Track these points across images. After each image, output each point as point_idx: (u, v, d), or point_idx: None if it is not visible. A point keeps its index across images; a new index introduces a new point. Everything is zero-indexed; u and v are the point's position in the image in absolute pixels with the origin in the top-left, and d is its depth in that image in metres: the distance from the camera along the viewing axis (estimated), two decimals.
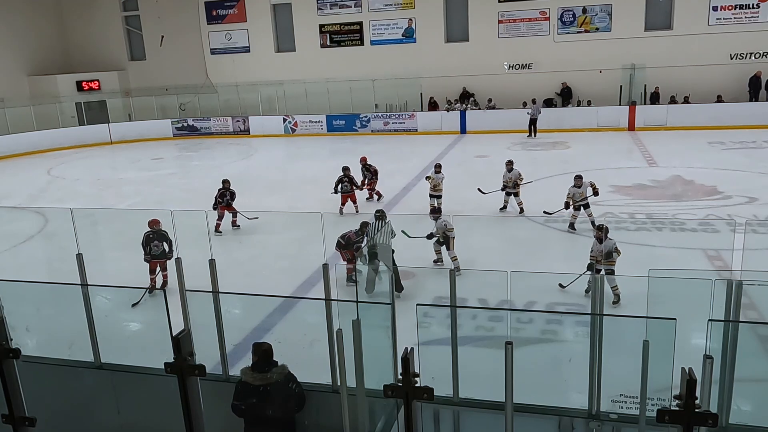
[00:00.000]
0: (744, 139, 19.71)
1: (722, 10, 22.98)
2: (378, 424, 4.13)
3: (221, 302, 4.78)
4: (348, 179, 13.38)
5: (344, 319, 3.74)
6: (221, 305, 4.79)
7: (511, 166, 13.00)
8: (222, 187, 12.71)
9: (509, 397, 3.00)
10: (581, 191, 11.43)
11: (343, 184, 13.32)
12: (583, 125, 23.15)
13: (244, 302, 7.17)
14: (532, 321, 7.48)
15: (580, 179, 11.51)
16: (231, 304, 5.74)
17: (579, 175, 11.70)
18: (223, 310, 4.82)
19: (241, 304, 7.32)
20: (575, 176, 11.69)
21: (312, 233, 9.26)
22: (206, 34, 29.01)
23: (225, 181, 12.81)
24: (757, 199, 12.90)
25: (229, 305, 5.23)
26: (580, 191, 11.43)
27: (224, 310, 4.83)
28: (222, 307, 4.80)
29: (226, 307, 4.91)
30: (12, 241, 12.61)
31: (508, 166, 13.06)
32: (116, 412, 5.04)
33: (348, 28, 27.20)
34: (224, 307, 4.83)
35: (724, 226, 11.33)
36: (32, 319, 7.93)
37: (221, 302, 4.78)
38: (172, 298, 4.19)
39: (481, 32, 25.50)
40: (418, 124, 25.11)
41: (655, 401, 3.71)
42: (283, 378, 4.39)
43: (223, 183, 12.77)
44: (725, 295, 3.98)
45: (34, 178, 19.93)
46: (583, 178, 11.60)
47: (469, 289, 8.04)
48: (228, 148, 24.78)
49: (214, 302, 4.74)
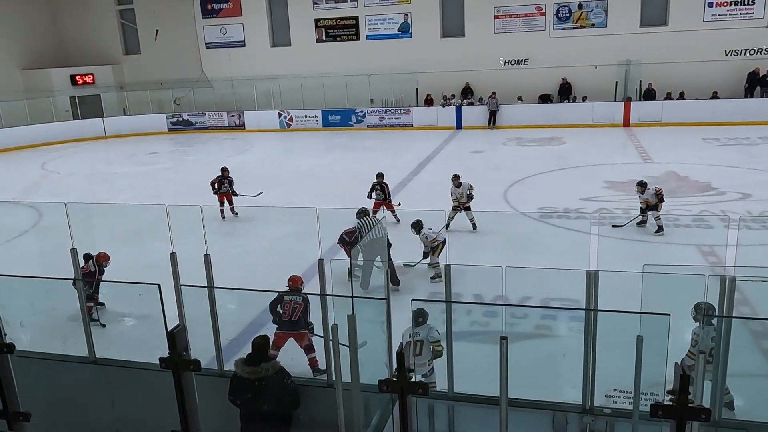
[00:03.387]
0: (738, 136, 19.77)
1: (717, 6, 23.02)
2: (373, 419, 4.15)
3: (216, 297, 4.78)
4: (380, 186, 12.21)
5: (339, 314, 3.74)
6: (216, 300, 4.79)
7: (459, 180, 11.47)
8: (220, 175, 13.04)
9: (504, 392, 3.01)
10: (461, 191, 11.01)
11: (375, 191, 12.22)
12: (578, 121, 23.18)
13: (239, 297, 7.16)
14: (526, 316, 7.50)
15: (458, 179, 11.08)
16: (226, 299, 5.73)
17: (456, 174, 11.24)
18: (219, 305, 4.82)
19: (237, 299, 7.31)
20: (453, 176, 11.22)
21: (307, 228, 9.24)
22: (201, 28, 28.87)
23: (224, 169, 13.14)
24: (751, 196, 12.96)
25: (224, 300, 5.23)
26: (460, 191, 11.01)
27: (219, 305, 4.83)
28: (217, 302, 4.80)
29: (221, 302, 4.91)
30: (6, 235, 12.55)
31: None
32: (111, 407, 5.04)
33: (343, 22, 27.11)
34: (219, 302, 4.83)
35: (718, 222, 11.37)
36: (26, 313, 7.90)
37: (216, 297, 4.78)
38: (167, 292, 4.18)
39: (477, 27, 25.46)
40: (414, 120, 25.09)
41: (649, 396, 3.74)
42: (277, 373, 4.39)
43: (222, 171, 13.10)
44: (718, 291, 4.00)
45: (27, 173, 19.83)
46: (461, 177, 11.16)
47: (463, 284, 8.05)
48: (223, 142, 24.70)
49: (209, 297, 4.74)
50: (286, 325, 6.54)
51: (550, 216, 12.18)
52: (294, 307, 6.54)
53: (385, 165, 17.61)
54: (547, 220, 12.11)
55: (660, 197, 10.86)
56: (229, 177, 13.04)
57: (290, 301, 6.57)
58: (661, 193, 10.92)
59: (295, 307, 6.54)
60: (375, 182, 12.33)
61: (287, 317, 6.53)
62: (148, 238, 11.32)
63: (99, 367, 5.09)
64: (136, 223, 12.36)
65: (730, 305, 3.98)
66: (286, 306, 6.57)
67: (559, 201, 12.97)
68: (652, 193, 10.91)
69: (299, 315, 6.51)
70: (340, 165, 19.18)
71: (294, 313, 6.52)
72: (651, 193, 10.92)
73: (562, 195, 13.53)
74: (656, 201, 10.87)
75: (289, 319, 6.51)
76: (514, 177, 15.45)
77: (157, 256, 6.07)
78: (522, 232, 11.64)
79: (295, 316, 6.51)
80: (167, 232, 6.93)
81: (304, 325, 6.52)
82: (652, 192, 10.92)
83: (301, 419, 4.58)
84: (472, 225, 11.34)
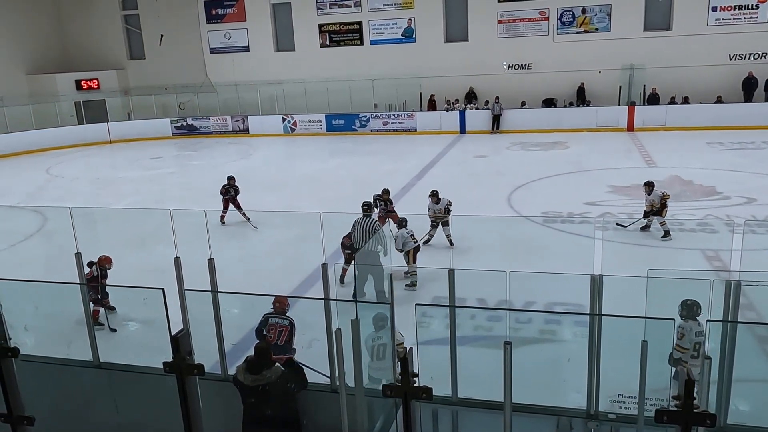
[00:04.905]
0: (743, 140, 19.73)
1: (721, 11, 23.00)
2: (377, 424, 4.14)
3: (220, 301, 4.78)
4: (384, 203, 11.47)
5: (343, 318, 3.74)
6: (220, 304, 4.79)
7: (438, 197, 10.89)
8: (227, 183, 13.20)
9: (508, 397, 3.00)
10: (439, 207, 10.77)
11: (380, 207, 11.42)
12: (582, 125, 23.16)
13: (243, 301, 7.16)
14: (530, 321, 7.48)
15: (436, 195, 10.77)
16: (230, 304, 5.73)
17: (434, 191, 10.97)
18: (222, 310, 4.82)
19: (240, 304, 7.32)
20: (431, 192, 10.90)
21: (311, 232, 9.25)
22: (206, 33, 28.99)
23: (230, 178, 13.29)
24: (756, 200, 12.91)
25: (228, 304, 5.23)
26: (439, 207, 10.77)
27: (223, 310, 4.83)
28: (221, 307, 4.80)
29: (225, 307, 4.91)
30: (11, 239, 12.60)
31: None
32: (115, 411, 5.04)
33: (347, 27, 27.19)
34: (223, 307, 4.83)
35: (723, 226, 11.33)
36: (31, 318, 7.92)
37: (220, 301, 4.78)
38: (171, 297, 4.18)
39: (481, 32, 25.50)
40: (418, 124, 25.11)
41: (654, 401, 3.72)
42: (279, 378, 4.38)
43: (228, 179, 13.25)
44: (723, 296, 3.98)
45: (32, 177, 19.90)
46: (439, 194, 10.86)
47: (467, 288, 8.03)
48: (227, 147, 24.77)
49: (213, 301, 4.74)
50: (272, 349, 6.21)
51: (554, 220, 12.16)
52: (280, 330, 6.26)
53: (388, 170, 17.67)
54: (551, 225, 12.09)
55: (664, 202, 10.84)
56: (235, 186, 13.12)
57: (276, 324, 6.31)
58: (666, 199, 10.89)
59: (281, 330, 6.26)
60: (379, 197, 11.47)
61: (273, 341, 6.20)
62: (152, 243, 11.34)
63: (103, 371, 5.09)
64: (140, 228, 12.39)
65: (735, 310, 3.96)
66: (271, 329, 6.29)
67: (563, 205, 12.96)
68: (659, 195, 10.89)
69: (285, 339, 6.24)
70: (343, 169, 19.20)
71: (280, 337, 6.23)
72: (658, 195, 10.90)
73: (566, 199, 13.52)
74: (660, 205, 10.84)
75: (275, 343, 6.17)
76: (518, 181, 15.44)
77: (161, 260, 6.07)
78: (526, 236, 11.62)
79: (281, 340, 6.22)
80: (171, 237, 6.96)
81: (290, 350, 6.23)
82: (659, 194, 10.90)
83: (305, 423, 4.57)
84: (449, 241, 10.80)
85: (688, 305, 5.51)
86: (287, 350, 6.24)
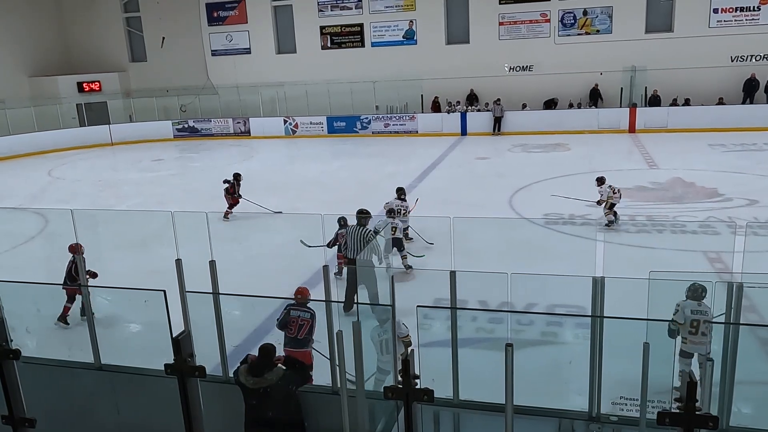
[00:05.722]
0: (745, 142, 19.71)
1: (723, 12, 22.99)
2: (378, 426, 4.13)
3: (221, 303, 4.78)
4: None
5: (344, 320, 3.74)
6: (221, 306, 4.79)
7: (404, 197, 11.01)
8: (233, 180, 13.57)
9: (509, 399, 3.00)
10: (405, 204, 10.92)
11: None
12: (584, 127, 23.16)
13: (244, 303, 7.16)
14: (532, 323, 7.46)
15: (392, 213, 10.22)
16: (231, 306, 5.73)
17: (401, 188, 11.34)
18: (224, 311, 4.82)
19: (241, 306, 7.32)
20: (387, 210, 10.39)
21: (312, 234, 9.26)
22: (207, 36, 29.03)
23: (236, 175, 13.66)
24: (758, 202, 12.89)
25: (229, 306, 5.23)
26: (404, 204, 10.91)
27: (224, 311, 4.83)
28: (222, 308, 4.80)
29: (227, 309, 4.91)
30: (12, 241, 12.60)
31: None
32: (116, 413, 5.04)
33: (349, 29, 27.21)
34: (224, 308, 4.83)
35: (725, 228, 11.32)
36: (32, 319, 7.93)
37: (221, 303, 4.78)
38: (173, 299, 4.18)
39: (482, 34, 25.50)
40: (419, 126, 25.11)
41: (656, 403, 3.71)
42: (281, 380, 4.38)
43: (234, 177, 13.62)
44: (726, 298, 3.98)
45: (34, 179, 19.93)
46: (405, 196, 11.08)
47: (469, 290, 8.02)
48: (229, 149, 24.78)
49: (215, 303, 4.74)
50: (290, 342, 6.10)
51: (555, 222, 12.14)
52: (301, 324, 6.07)
53: (390, 171, 17.66)
54: (553, 227, 12.08)
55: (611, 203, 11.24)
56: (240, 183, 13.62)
57: (297, 317, 6.11)
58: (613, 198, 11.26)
59: (302, 323, 6.07)
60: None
61: (293, 334, 6.08)
62: (153, 245, 11.34)
63: (104, 373, 5.09)
64: (141, 230, 12.39)
65: (737, 312, 3.95)
66: (293, 322, 6.10)
67: (564, 207, 12.93)
68: (607, 191, 11.27)
69: (305, 332, 6.08)
70: (345, 171, 19.20)
71: (300, 331, 6.07)
72: (606, 191, 11.28)
73: (567, 201, 13.50)
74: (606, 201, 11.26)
75: (295, 337, 6.07)
76: (520, 183, 15.43)
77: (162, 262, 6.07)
78: (527, 238, 11.61)
79: (301, 334, 6.07)
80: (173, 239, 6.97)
81: (308, 344, 6.08)
82: (608, 191, 11.29)
83: (306, 425, 4.56)
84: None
85: (692, 288, 5.70)
86: (305, 343, 6.08)
